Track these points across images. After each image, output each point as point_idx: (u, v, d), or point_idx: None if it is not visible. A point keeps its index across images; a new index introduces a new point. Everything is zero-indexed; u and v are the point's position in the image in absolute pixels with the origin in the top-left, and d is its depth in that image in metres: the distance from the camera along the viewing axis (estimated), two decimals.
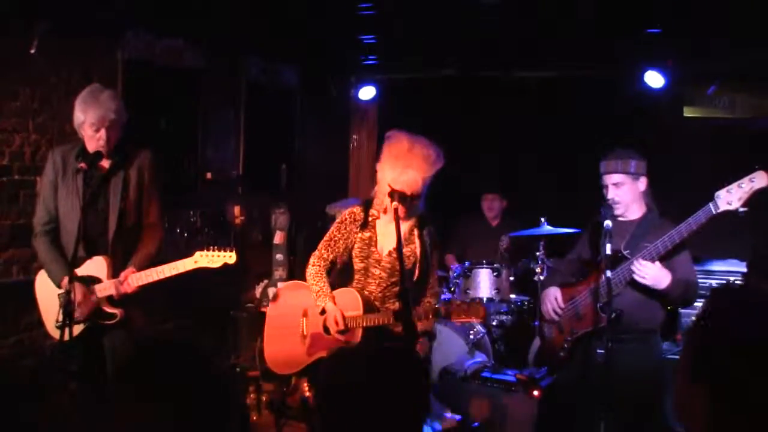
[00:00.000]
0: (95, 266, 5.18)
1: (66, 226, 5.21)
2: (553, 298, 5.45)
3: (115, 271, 5.19)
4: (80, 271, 5.10)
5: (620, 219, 5.25)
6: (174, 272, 5.16)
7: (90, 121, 5.07)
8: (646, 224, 5.17)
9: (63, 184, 5.21)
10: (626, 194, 5.17)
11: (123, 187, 5.20)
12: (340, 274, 5.34)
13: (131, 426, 2.09)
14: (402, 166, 4.95)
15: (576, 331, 5.31)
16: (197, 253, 5.18)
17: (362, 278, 5.25)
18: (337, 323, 5.07)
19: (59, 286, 5.17)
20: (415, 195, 4.97)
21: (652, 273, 4.86)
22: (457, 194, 8.99)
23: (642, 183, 5.21)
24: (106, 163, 5.22)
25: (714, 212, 4.74)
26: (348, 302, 5.15)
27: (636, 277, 4.88)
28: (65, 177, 5.21)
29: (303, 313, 5.36)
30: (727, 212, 4.71)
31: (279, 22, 7.94)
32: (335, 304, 5.14)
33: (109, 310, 5.19)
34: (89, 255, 5.18)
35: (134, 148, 5.35)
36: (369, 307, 5.14)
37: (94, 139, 5.10)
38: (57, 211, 5.24)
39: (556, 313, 5.42)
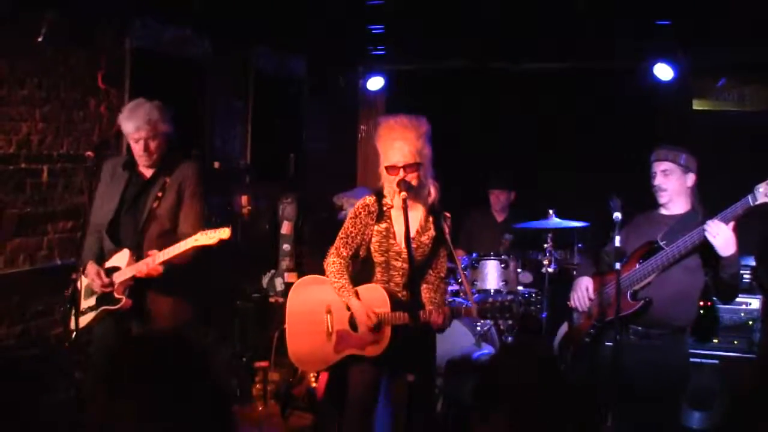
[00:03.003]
0: (119, 258, 5.41)
1: (102, 227, 5.50)
2: (584, 287, 5.39)
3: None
4: (108, 264, 5.43)
5: (662, 212, 5.23)
6: (179, 250, 5.24)
7: (129, 132, 5.42)
8: (686, 221, 5.08)
9: (108, 190, 5.51)
10: (673, 184, 5.12)
11: (160, 191, 5.45)
12: (360, 268, 5.24)
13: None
14: (388, 142, 4.96)
15: (603, 317, 5.27)
16: (198, 233, 5.25)
17: (384, 271, 5.15)
18: (369, 318, 4.99)
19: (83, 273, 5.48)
20: (409, 166, 4.91)
21: (724, 234, 4.74)
22: (465, 187, 8.99)
23: (690, 179, 5.14)
24: (148, 172, 5.52)
25: (752, 204, 4.69)
26: (374, 299, 5.06)
27: (708, 236, 4.75)
28: (111, 184, 5.53)
29: (327, 310, 5.21)
30: (765, 204, 4.67)
31: (287, 11, 7.91)
32: (360, 300, 5.06)
33: (117, 296, 5.36)
34: (118, 249, 5.45)
35: (180, 158, 5.64)
36: (396, 303, 5.05)
37: (135, 150, 5.45)
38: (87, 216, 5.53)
39: (584, 302, 5.38)
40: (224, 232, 5.24)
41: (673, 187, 5.14)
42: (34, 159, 6.68)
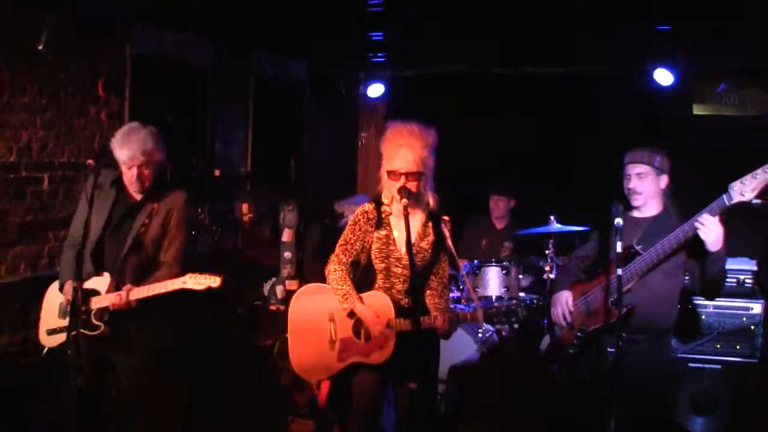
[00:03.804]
0: (99, 281, 5.32)
1: (91, 244, 5.32)
2: (564, 301, 5.40)
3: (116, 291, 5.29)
4: (87, 285, 5.25)
5: (635, 215, 5.22)
6: (164, 290, 5.27)
7: (122, 159, 5.29)
8: (660, 223, 5.11)
9: (95, 204, 5.28)
10: (647, 186, 5.12)
11: (147, 218, 5.37)
12: (361, 276, 5.21)
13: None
14: (394, 148, 4.95)
15: (586, 327, 5.27)
16: (187, 275, 5.28)
17: (385, 278, 5.14)
18: (379, 319, 4.97)
19: (61, 290, 5.40)
20: (411, 174, 4.90)
21: (716, 229, 4.73)
22: (465, 194, 8.98)
23: (663, 180, 5.16)
24: (137, 195, 5.41)
25: (727, 203, 4.69)
26: (378, 306, 5.05)
27: (700, 231, 4.74)
28: (99, 197, 5.32)
29: (330, 318, 5.17)
30: (741, 203, 4.67)
31: (288, 17, 7.92)
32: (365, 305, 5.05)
33: (95, 322, 5.27)
34: (99, 272, 5.34)
35: (171, 187, 5.56)
36: (400, 310, 5.04)
37: (127, 176, 5.34)
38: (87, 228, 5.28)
39: (565, 318, 5.39)
40: (214, 281, 5.26)
41: (648, 190, 5.14)
42: (35, 167, 6.69)
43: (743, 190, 4.66)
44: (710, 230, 4.75)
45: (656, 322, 5.07)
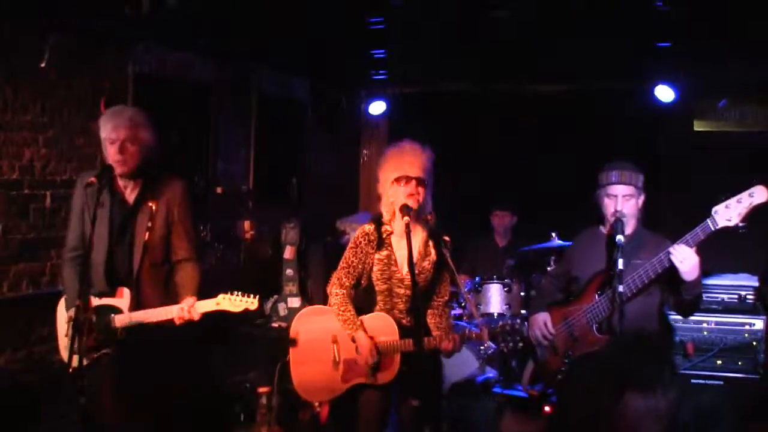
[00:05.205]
0: (118, 297, 5.11)
1: (91, 255, 5.03)
2: (542, 323, 5.41)
3: (137, 305, 5.08)
4: (103, 302, 5.09)
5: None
6: (208, 308, 5.08)
7: (105, 134, 4.97)
8: (636, 240, 5.08)
9: (85, 214, 5.09)
10: (632, 208, 5.07)
11: (149, 220, 5.09)
12: (361, 298, 5.19)
13: None
14: (399, 157, 4.98)
15: (573, 354, 5.25)
16: (220, 296, 5.10)
17: (387, 299, 5.12)
18: (371, 356, 4.96)
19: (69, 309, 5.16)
20: (420, 180, 4.91)
21: (691, 259, 4.71)
22: (466, 210, 8.99)
23: (641, 199, 5.13)
24: (131, 197, 5.11)
25: (713, 229, 4.66)
26: (382, 327, 5.04)
27: (674, 261, 4.72)
28: (91, 206, 5.00)
29: (333, 339, 5.16)
30: (726, 229, 4.66)
31: (289, 35, 7.94)
32: (366, 332, 5.02)
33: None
34: (114, 287, 5.11)
35: (166, 177, 5.22)
36: (403, 330, 5.03)
37: (110, 152, 4.97)
38: (83, 238, 5.12)
39: (545, 338, 5.39)
40: (252, 304, 5.10)
41: (632, 212, 5.09)
42: (38, 184, 6.69)
43: (728, 216, 4.63)
44: (684, 260, 4.73)
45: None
